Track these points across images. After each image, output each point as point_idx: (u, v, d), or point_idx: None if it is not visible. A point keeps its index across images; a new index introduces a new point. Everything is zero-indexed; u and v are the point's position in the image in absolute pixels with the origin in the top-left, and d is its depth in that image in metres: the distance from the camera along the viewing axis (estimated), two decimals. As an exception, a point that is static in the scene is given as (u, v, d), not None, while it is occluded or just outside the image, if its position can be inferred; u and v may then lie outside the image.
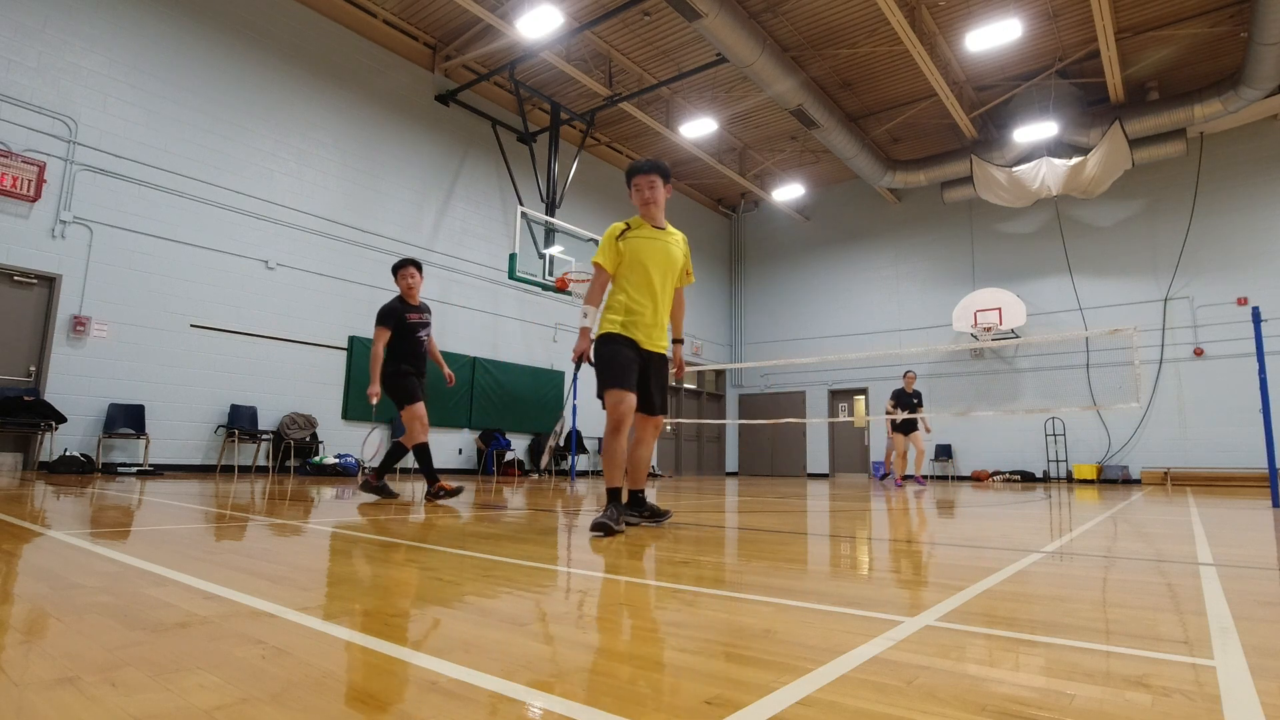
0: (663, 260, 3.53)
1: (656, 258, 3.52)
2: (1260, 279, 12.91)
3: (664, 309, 3.56)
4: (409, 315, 5.20)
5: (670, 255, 3.55)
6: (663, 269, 3.52)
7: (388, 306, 5.19)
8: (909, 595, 1.81)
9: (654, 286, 3.50)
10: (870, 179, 15.24)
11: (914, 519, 4.47)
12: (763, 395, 18.75)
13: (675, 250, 3.58)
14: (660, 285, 3.52)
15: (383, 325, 5.11)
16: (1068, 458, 14.29)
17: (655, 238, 3.54)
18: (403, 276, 5.25)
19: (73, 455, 7.75)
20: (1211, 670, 1.16)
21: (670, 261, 3.55)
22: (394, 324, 5.13)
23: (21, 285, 7.86)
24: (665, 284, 3.54)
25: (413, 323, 5.21)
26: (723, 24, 10.26)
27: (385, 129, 11.57)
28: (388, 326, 5.12)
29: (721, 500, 6.25)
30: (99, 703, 0.91)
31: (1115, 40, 11.21)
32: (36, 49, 8.06)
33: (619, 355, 3.40)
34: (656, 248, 3.53)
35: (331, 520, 3.49)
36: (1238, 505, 6.51)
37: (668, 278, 3.55)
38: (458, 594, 1.71)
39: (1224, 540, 3.33)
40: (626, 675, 1.08)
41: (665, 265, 3.53)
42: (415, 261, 5.33)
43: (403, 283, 5.25)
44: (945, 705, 0.96)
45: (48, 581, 1.71)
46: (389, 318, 5.13)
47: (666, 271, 3.54)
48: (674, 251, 3.57)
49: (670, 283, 3.58)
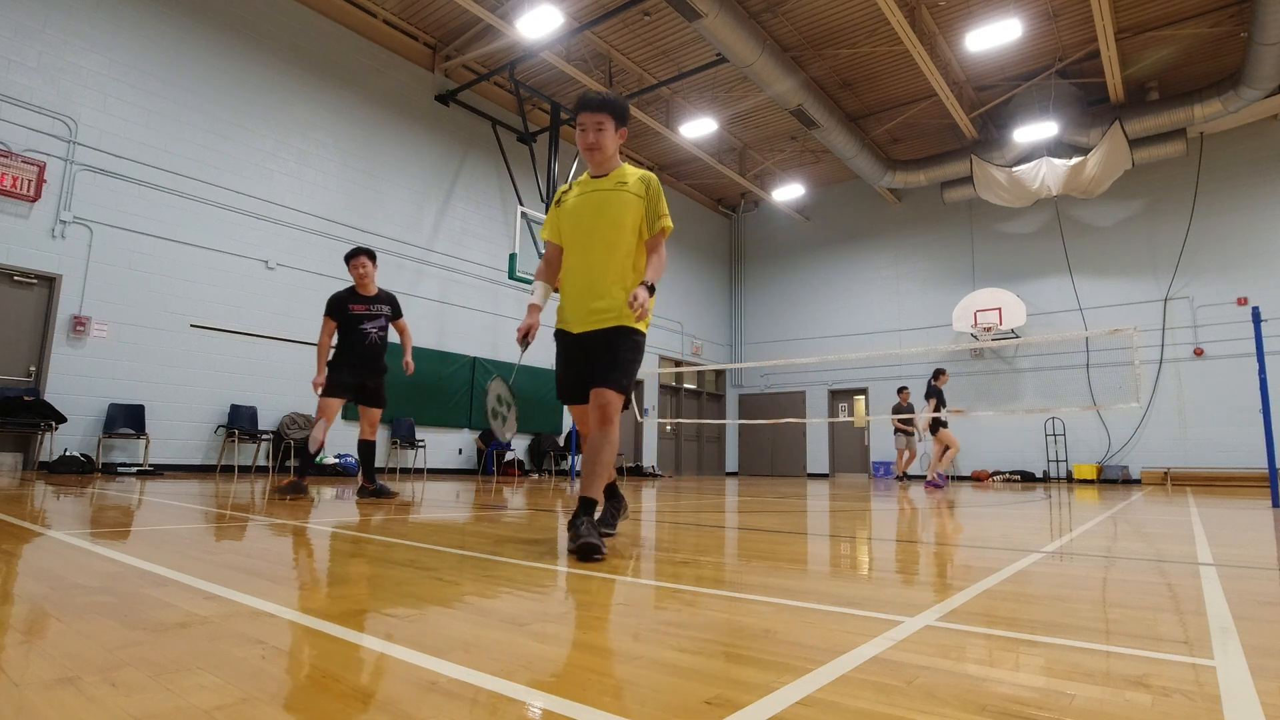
0: (591, 213, 2.83)
1: (585, 212, 2.85)
2: (1260, 279, 12.91)
3: (600, 268, 2.79)
4: (353, 306, 5.16)
5: (604, 204, 2.82)
6: (590, 222, 2.82)
7: (334, 296, 5.18)
8: (909, 595, 1.81)
9: (582, 246, 2.84)
10: (870, 179, 15.24)
11: (914, 519, 4.47)
12: (763, 395, 18.75)
13: (614, 197, 2.82)
14: (587, 241, 2.82)
15: (327, 315, 5.14)
16: (1068, 458, 14.29)
17: (591, 189, 2.87)
18: (354, 266, 5.20)
19: (73, 455, 7.75)
20: (1211, 670, 1.16)
21: (603, 210, 2.81)
22: (338, 315, 5.14)
23: (21, 285, 7.86)
24: (594, 239, 2.81)
25: (357, 314, 5.16)
26: (723, 24, 10.26)
27: (385, 129, 11.57)
28: (331, 317, 5.13)
29: (721, 500, 6.25)
30: (99, 703, 0.91)
31: (1115, 40, 11.21)
32: (36, 49, 8.06)
33: (558, 364, 2.93)
34: (587, 200, 2.86)
35: (331, 520, 3.49)
36: (1238, 505, 6.51)
37: (598, 230, 2.80)
38: (458, 594, 1.71)
39: (1224, 540, 3.32)
40: (626, 675, 1.08)
41: (594, 217, 2.82)
42: (368, 250, 5.27)
43: (354, 273, 5.22)
44: (945, 705, 0.96)
45: (48, 581, 1.71)
46: (332, 309, 5.14)
47: (596, 224, 2.81)
48: (611, 200, 2.81)
49: (607, 235, 2.79)
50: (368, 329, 5.18)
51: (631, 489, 8.23)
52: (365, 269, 5.20)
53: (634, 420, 15.62)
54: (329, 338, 5.15)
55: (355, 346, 5.16)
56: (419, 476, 10.25)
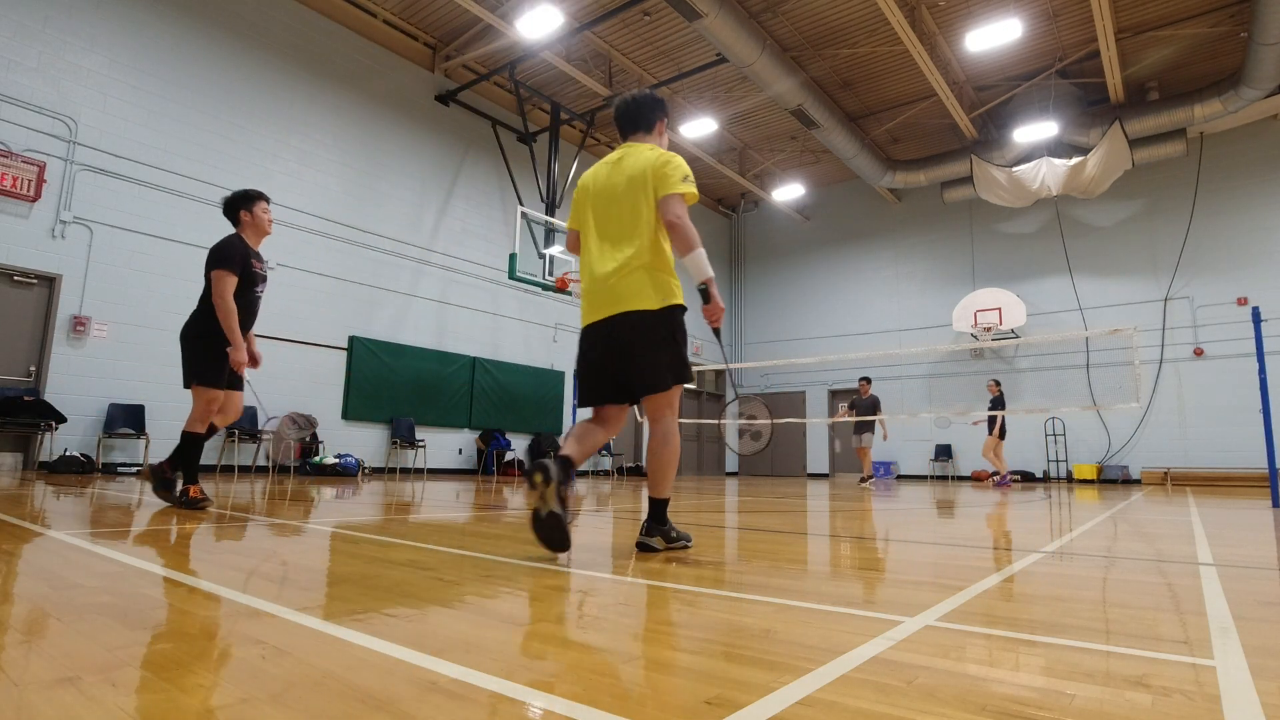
0: (603, 187, 2.69)
1: (596, 188, 2.71)
2: (1260, 279, 12.90)
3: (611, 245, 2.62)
4: (254, 262, 3.96)
5: (611, 178, 2.68)
6: (604, 198, 2.68)
7: (233, 245, 3.86)
8: (909, 595, 1.81)
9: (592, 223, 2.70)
10: (870, 179, 15.24)
11: (914, 519, 4.47)
12: (763, 395, 18.74)
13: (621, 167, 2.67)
14: (602, 216, 2.67)
15: (228, 269, 3.79)
16: (1068, 458, 14.29)
17: (603, 164, 2.76)
18: (263, 209, 4.02)
19: (73, 455, 7.74)
20: (1211, 670, 1.16)
21: (613, 185, 2.66)
22: (242, 270, 3.86)
23: (21, 285, 7.86)
24: (609, 212, 2.65)
25: (256, 272, 3.97)
26: (723, 24, 10.26)
27: (385, 129, 11.57)
28: (234, 271, 3.81)
29: (721, 500, 6.25)
30: (99, 703, 0.91)
31: (1115, 40, 11.21)
32: (36, 49, 8.06)
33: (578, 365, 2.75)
34: (598, 174, 2.74)
35: (331, 520, 3.49)
36: (1238, 505, 6.51)
37: (611, 204, 2.65)
38: (458, 594, 1.71)
39: (1224, 540, 3.32)
40: (626, 675, 1.08)
41: (608, 191, 2.67)
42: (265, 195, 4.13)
43: (264, 216, 4.02)
44: (945, 705, 0.96)
45: (48, 581, 1.71)
46: (236, 260, 3.82)
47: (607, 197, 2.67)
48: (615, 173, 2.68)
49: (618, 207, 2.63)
50: (259, 292, 4.03)
51: (632, 489, 8.23)
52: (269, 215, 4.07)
53: (634, 420, 15.62)
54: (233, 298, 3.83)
55: (251, 311, 3.98)
56: (419, 476, 10.26)
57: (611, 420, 2.70)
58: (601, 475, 14.12)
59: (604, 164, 2.76)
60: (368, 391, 10.79)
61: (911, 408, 15.66)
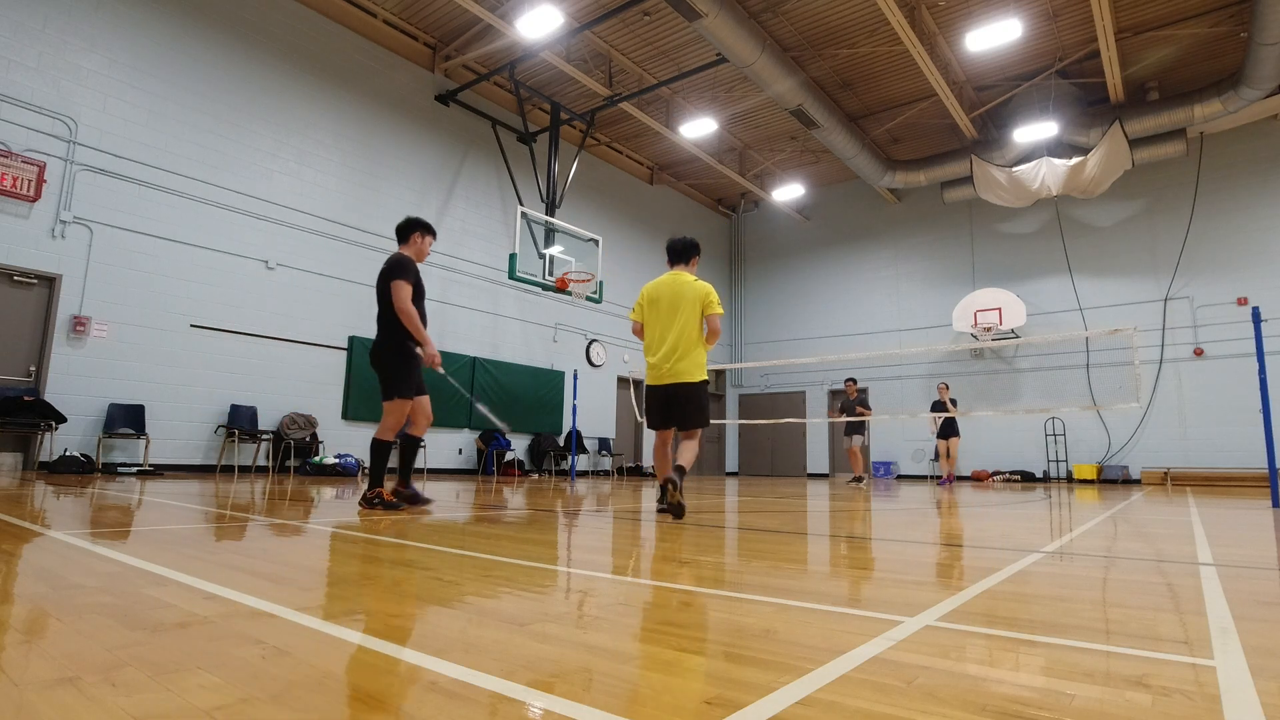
0: (668, 293, 4.33)
1: (661, 291, 4.38)
2: (1260, 279, 12.90)
3: (674, 337, 4.27)
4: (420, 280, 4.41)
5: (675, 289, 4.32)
6: (668, 301, 4.32)
7: (407, 260, 4.28)
8: (909, 595, 1.81)
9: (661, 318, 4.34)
10: (870, 179, 15.24)
11: (914, 519, 4.47)
12: (763, 395, 18.75)
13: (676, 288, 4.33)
14: (668, 313, 4.31)
15: (405, 278, 4.17)
16: (1068, 458, 14.28)
17: (660, 283, 4.43)
18: (428, 242, 4.50)
19: (73, 455, 7.74)
20: (1211, 670, 1.16)
21: (676, 293, 4.30)
22: (414, 280, 4.25)
23: (21, 285, 7.86)
24: (673, 312, 4.29)
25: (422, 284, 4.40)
26: (723, 24, 10.26)
27: (385, 129, 11.56)
28: (410, 280, 4.19)
29: (721, 500, 6.25)
30: (99, 703, 0.91)
31: (1115, 40, 11.21)
32: (36, 49, 8.05)
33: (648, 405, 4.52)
34: (662, 283, 4.41)
35: (331, 520, 3.49)
36: (1237, 505, 6.51)
37: (676, 308, 4.29)
38: (458, 594, 1.71)
39: (1224, 540, 3.32)
40: (626, 675, 1.08)
41: (672, 296, 4.31)
42: None
43: (426, 247, 4.48)
44: (945, 705, 0.96)
45: (48, 581, 1.71)
46: (411, 272, 4.23)
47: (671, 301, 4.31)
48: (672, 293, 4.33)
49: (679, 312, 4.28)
50: (425, 308, 4.42)
51: (631, 489, 8.23)
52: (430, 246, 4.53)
53: (634, 421, 15.63)
54: None
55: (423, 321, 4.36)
56: (419, 476, 10.25)
57: (670, 437, 4.51)
58: (602, 475, 14.13)
59: (660, 283, 4.44)
60: (368, 391, 10.78)
61: (911, 408, 15.64)
